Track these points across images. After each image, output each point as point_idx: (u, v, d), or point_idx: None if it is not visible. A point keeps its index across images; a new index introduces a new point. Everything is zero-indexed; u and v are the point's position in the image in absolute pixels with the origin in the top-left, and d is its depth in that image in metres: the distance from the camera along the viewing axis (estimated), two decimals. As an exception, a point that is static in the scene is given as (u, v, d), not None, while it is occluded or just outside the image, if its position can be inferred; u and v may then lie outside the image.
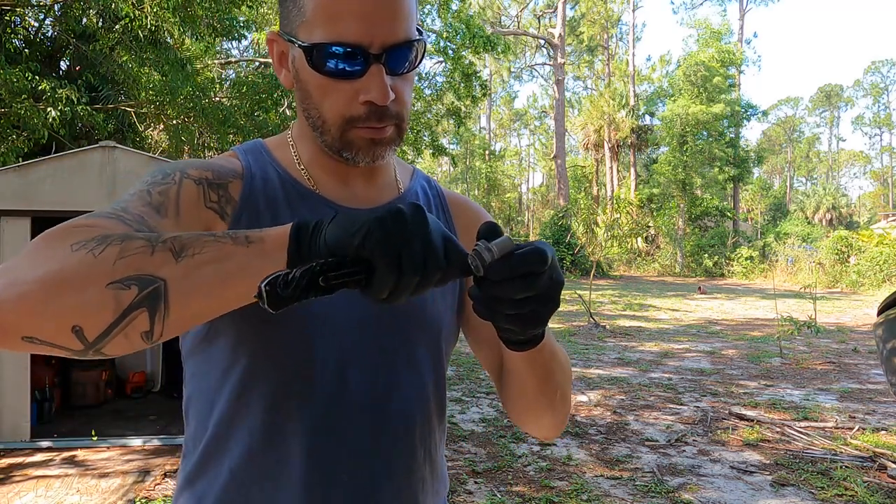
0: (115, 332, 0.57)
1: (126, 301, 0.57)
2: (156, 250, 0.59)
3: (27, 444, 4.48)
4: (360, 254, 0.56)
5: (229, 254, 0.59)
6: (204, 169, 0.82)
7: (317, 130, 0.81)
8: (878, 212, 44.25)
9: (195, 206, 0.78)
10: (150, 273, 0.57)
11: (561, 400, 0.87)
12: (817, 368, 8.13)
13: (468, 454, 4.65)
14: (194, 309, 0.60)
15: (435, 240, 0.58)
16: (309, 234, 0.60)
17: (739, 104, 35.08)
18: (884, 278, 20.59)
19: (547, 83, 47.72)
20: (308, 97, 0.80)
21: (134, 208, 0.72)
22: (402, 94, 0.80)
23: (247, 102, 10.00)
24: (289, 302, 0.55)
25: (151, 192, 0.76)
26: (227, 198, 0.81)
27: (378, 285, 0.57)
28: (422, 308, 0.87)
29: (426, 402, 0.87)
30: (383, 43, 0.74)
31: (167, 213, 0.74)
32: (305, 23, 0.76)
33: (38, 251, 0.60)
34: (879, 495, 3.91)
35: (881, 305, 3.71)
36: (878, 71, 63.13)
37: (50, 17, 8.96)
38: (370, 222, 0.57)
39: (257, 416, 0.79)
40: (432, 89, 17.21)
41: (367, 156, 0.81)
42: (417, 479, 0.86)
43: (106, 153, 4.54)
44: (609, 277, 26.59)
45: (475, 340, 0.96)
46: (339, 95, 0.77)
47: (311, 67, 0.76)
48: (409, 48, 0.77)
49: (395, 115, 0.79)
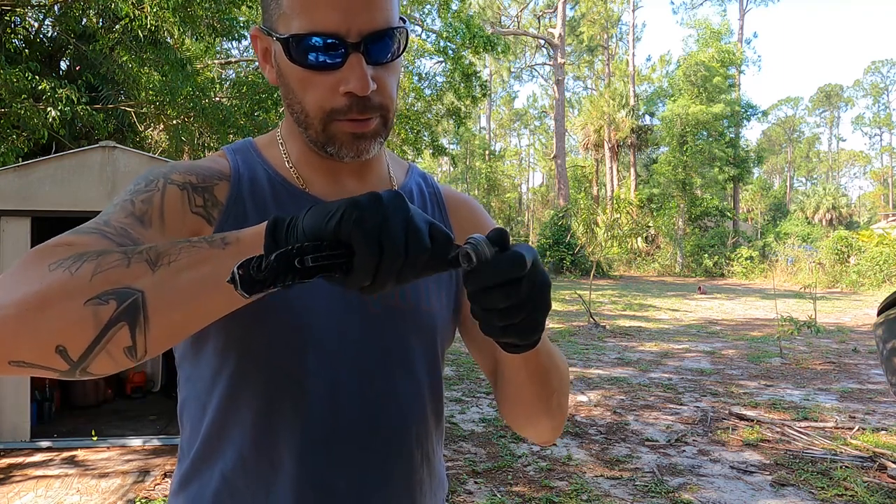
0: (97, 350, 0.56)
1: (105, 316, 0.56)
2: (132, 262, 0.58)
3: (27, 444, 4.48)
4: (337, 237, 0.54)
5: (205, 258, 0.58)
6: (188, 173, 0.80)
7: (301, 125, 0.79)
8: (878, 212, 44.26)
9: (180, 212, 0.76)
10: (127, 285, 0.56)
11: (557, 405, 0.85)
12: (817, 368, 8.13)
13: (468, 454, 4.65)
14: (175, 318, 0.58)
15: (416, 220, 0.55)
16: (285, 227, 0.57)
17: (739, 104, 35.06)
18: (884, 278, 20.60)
19: (547, 83, 47.72)
20: (290, 92, 0.78)
21: (116, 221, 0.71)
22: (386, 85, 0.77)
23: (247, 102, 10.00)
24: (264, 286, 0.52)
25: (134, 202, 0.75)
26: (213, 201, 0.80)
27: (359, 269, 0.54)
28: (416, 308, 0.85)
29: (422, 404, 0.85)
30: (361, 31, 0.72)
31: (151, 222, 0.73)
32: (283, 15, 0.74)
33: (15, 274, 0.59)
34: (879, 495, 3.91)
35: (881, 305, 3.71)
36: (878, 71, 63.13)
37: (50, 17, 8.94)
38: (345, 204, 0.54)
39: (248, 420, 0.78)
40: (432, 89, 17.21)
41: (352, 150, 0.78)
42: (415, 482, 0.84)
43: (106, 153, 4.54)
44: (609, 277, 26.58)
45: (472, 343, 0.94)
46: (319, 88, 0.75)
47: (290, 60, 0.75)
48: (390, 36, 0.75)
49: (378, 107, 0.77)
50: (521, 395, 0.84)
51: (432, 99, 16.90)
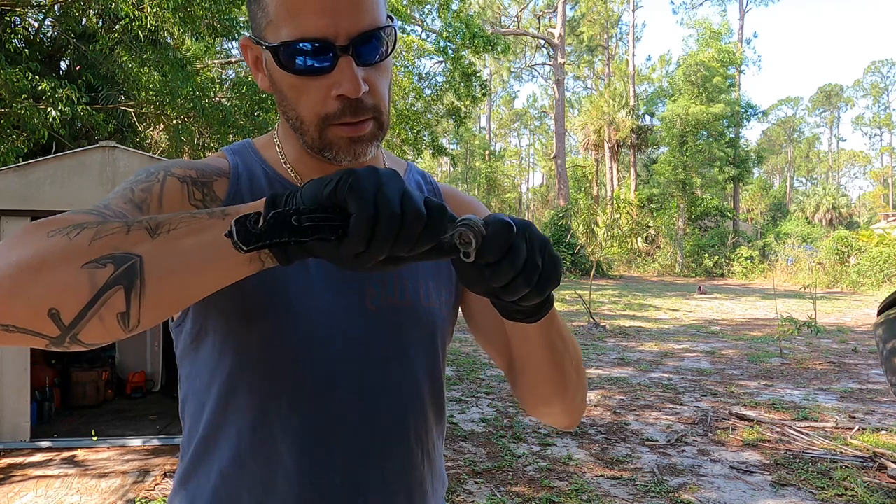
0: (90, 314, 0.56)
1: (102, 279, 0.56)
2: (132, 229, 0.59)
3: (27, 444, 4.48)
4: (333, 200, 0.54)
5: (205, 227, 0.59)
6: (188, 168, 0.81)
7: (297, 132, 0.79)
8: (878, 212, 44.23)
9: (179, 204, 0.77)
10: (126, 251, 0.57)
11: (577, 378, 0.85)
12: (817, 368, 8.13)
13: (468, 454, 4.65)
14: (172, 285, 0.58)
15: (412, 190, 0.56)
16: (283, 199, 0.58)
17: (739, 104, 35.07)
18: (884, 278, 20.60)
19: (547, 83, 47.73)
20: (284, 99, 0.78)
21: (115, 205, 0.72)
22: (377, 85, 0.77)
23: (247, 102, 10.00)
24: (260, 240, 0.53)
25: (134, 190, 0.76)
26: (212, 196, 0.81)
27: (354, 231, 0.53)
28: (415, 305, 0.85)
29: (421, 400, 0.85)
30: (348, 34, 0.72)
31: (149, 209, 0.74)
32: (271, 23, 0.74)
33: (12, 241, 0.60)
34: (879, 495, 3.91)
35: (881, 305, 3.71)
36: (878, 71, 63.10)
37: (50, 17, 8.95)
38: (343, 172, 0.55)
39: (245, 416, 0.78)
40: (432, 89, 17.21)
41: (349, 155, 0.78)
42: (415, 479, 0.84)
43: (106, 153, 4.54)
44: (609, 277, 26.58)
45: (481, 334, 0.94)
46: (312, 94, 0.75)
47: (281, 68, 0.75)
48: (377, 37, 0.75)
49: (371, 108, 0.76)
50: (540, 373, 0.83)
51: (432, 99, 16.90)
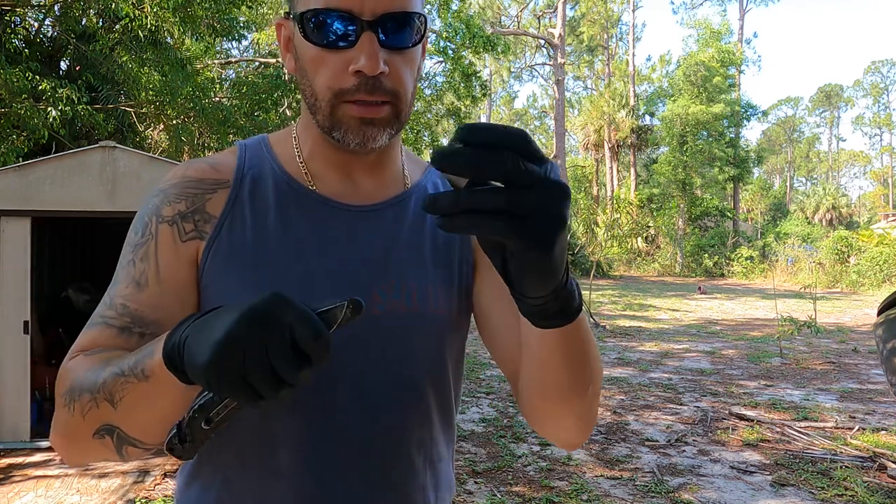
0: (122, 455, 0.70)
1: (111, 444, 0.69)
2: (99, 403, 0.67)
3: (27, 444, 4.48)
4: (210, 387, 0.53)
5: (142, 395, 0.64)
6: (177, 200, 0.81)
7: (311, 110, 0.78)
8: (878, 212, 44.23)
9: (173, 250, 0.79)
10: (107, 423, 0.68)
11: (593, 393, 0.74)
12: (817, 368, 8.13)
13: (468, 454, 4.65)
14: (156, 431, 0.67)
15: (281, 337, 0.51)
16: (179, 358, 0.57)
17: (739, 104, 35.05)
18: (884, 278, 20.60)
19: (547, 83, 47.71)
20: (304, 75, 0.77)
21: (120, 296, 0.78)
22: (400, 72, 0.75)
23: (247, 102, 10.01)
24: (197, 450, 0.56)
25: (135, 262, 0.79)
26: (205, 218, 0.80)
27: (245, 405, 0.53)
28: (421, 310, 0.82)
29: (425, 407, 0.83)
30: (375, 11, 0.72)
31: (148, 282, 0.78)
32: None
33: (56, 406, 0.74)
34: (879, 495, 3.91)
35: (881, 305, 3.72)
36: (878, 71, 63.07)
37: (50, 17, 8.95)
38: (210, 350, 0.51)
39: (247, 422, 0.77)
40: (432, 89, 17.21)
41: (358, 136, 0.75)
42: (416, 488, 0.83)
43: (106, 153, 4.54)
44: (609, 277, 26.57)
45: (490, 339, 0.86)
46: (330, 67, 0.74)
47: (304, 37, 0.75)
48: (407, 21, 0.74)
49: (389, 91, 0.74)
50: (553, 382, 0.71)
51: (432, 99, 16.90)
